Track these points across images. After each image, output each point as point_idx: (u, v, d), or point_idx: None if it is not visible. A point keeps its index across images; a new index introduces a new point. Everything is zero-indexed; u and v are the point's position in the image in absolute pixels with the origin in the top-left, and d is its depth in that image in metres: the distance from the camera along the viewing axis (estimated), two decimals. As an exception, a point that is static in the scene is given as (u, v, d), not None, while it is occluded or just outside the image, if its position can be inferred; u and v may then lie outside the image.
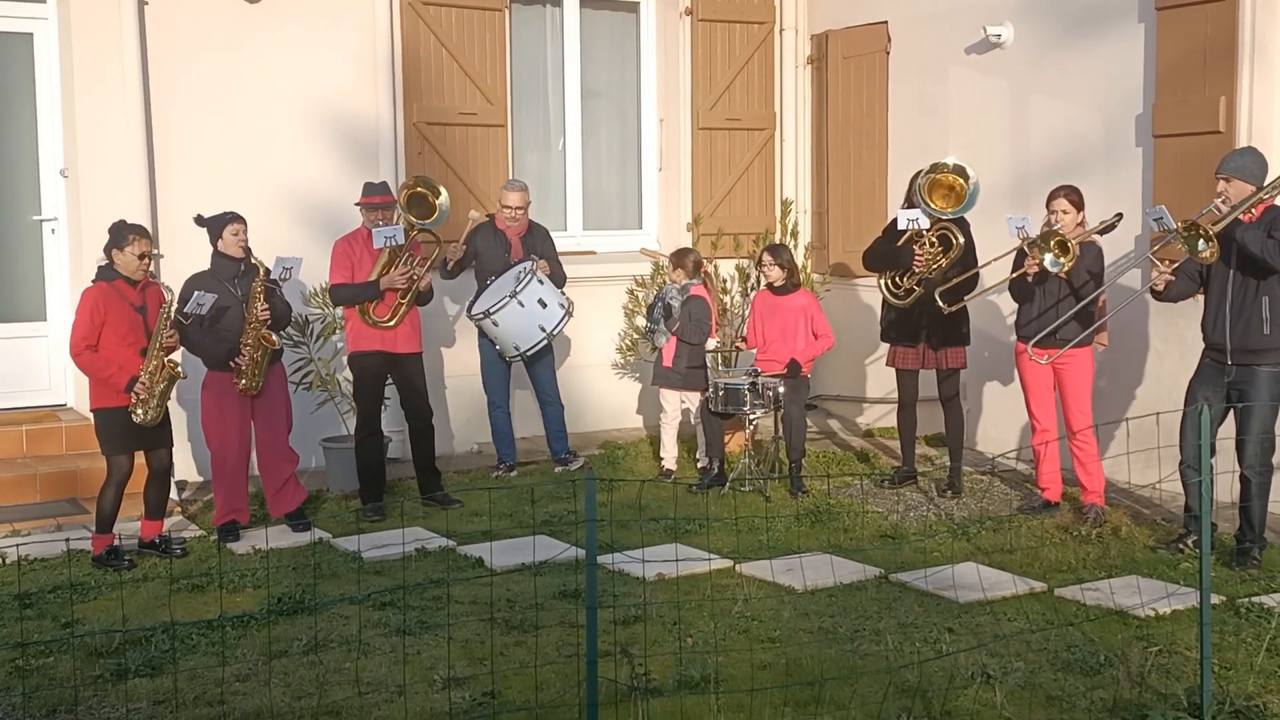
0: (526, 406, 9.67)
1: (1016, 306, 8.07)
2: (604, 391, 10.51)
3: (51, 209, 9.03)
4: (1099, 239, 7.83)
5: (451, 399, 9.82)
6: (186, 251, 7.93)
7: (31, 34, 8.89)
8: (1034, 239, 7.65)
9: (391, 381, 8.45)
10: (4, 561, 7.05)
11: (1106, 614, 6.09)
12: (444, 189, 8.46)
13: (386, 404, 8.53)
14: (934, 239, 8.33)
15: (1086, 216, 7.82)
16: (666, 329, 9.00)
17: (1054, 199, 7.77)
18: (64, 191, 8.98)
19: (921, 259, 8.35)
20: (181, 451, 8.28)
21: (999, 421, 9.62)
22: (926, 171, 8.33)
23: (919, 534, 7.65)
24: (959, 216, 8.32)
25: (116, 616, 6.18)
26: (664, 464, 9.24)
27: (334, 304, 8.51)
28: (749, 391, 8.51)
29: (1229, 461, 6.86)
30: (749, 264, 10.51)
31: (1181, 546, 7.04)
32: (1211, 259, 6.73)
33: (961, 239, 8.28)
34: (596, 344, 10.44)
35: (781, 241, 10.38)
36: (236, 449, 7.58)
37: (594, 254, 10.65)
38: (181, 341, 7.32)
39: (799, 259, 10.52)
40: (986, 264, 8.32)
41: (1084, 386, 7.81)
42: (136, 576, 6.92)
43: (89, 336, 7.01)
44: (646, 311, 9.45)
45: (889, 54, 10.46)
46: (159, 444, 7.30)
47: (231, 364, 7.45)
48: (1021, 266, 7.79)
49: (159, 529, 7.38)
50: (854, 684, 5.30)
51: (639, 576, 6.64)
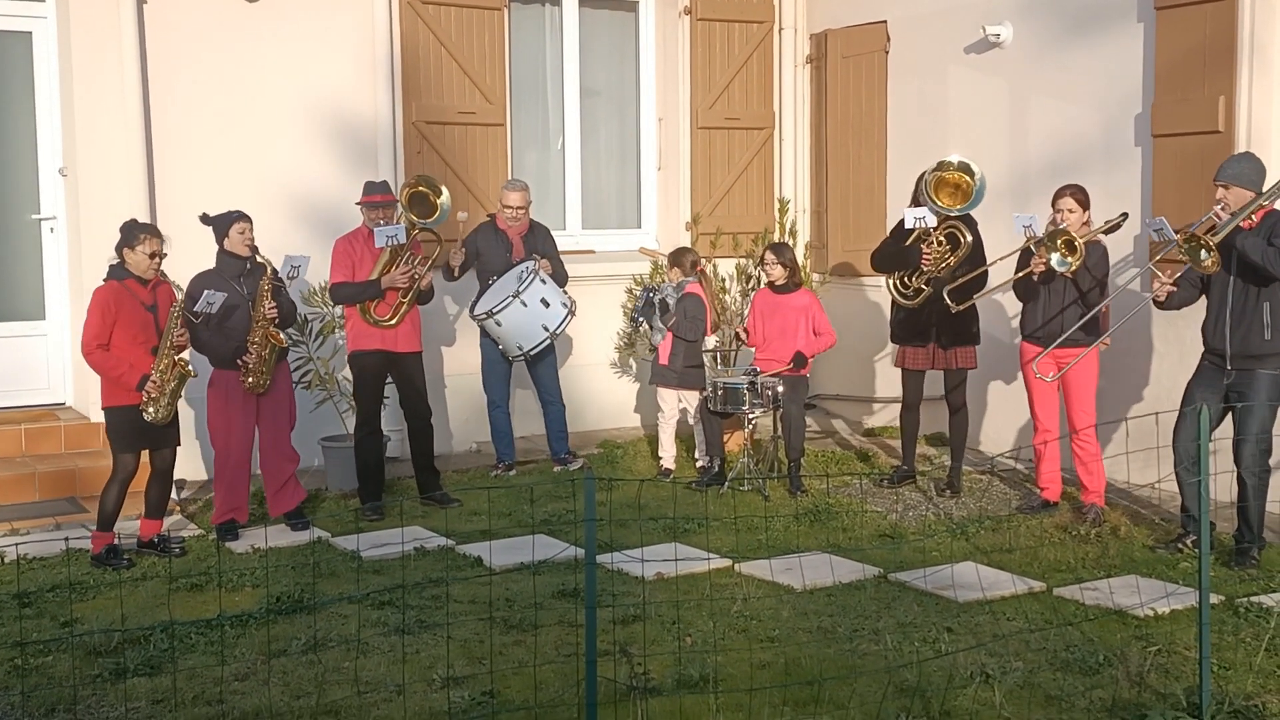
0: (526, 406, 9.67)
1: (1019, 306, 8.05)
2: (602, 391, 10.51)
3: (50, 208, 9.03)
4: (1104, 239, 7.82)
5: (451, 398, 9.82)
6: (186, 250, 7.91)
7: (30, 33, 8.89)
8: (1041, 238, 7.63)
9: (391, 380, 8.45)
10: (3, 560, 7.04)
11: (1105, 614, 6.09)
12: (445, 188, 8.47)
13: (386, 403, 8.53)
14: (941, 238, 8.32)
15: (1091, 216, 7.82)
16: (663, 325, 9.00)
17: (1060, 198, 7.75)
18: (63, 190, 8.98)
19: (929, 258, 8.33)
20: (190, 450, 8.28)
21: (999, 421, 9.62)
22: (932, 170, 8.32)
23: (918, 533, 7.65)
24: (966, 214, 8.31)
25: (115, 616, 6.18)
26: (663, 463, 9.24)
27: (335, 303, 8.51)
28: (748, 391, 8.51)
29: (1225, 463, 6.86)
30: (748, 263, 10.51)
31: (1180, 546, 7.03)
32: (1213, 269, 6.71)
33: (969, 237, 8.25)
34: (595, 343, 10.44)
35: (781, 240, 10.38)
36: (240, 447, 7.59)
37: (593, 253, 10.65)
38: (190, 340, 7.33)
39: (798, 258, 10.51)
40: (994, 262, 8.30)
41: (1088, 386, 7.80)
42: (135, 576, 6.92)
43: (100, 335, 7.01)
44: (635, 307, 9.44)
45: (888, 53, 10.45)
46: (164, 443, 7.31)
47: (238, 362, 7.46)
48: (1027, 265, 7.78)
49: (158, 528, 7.39)
50: (853, 683, 5.30)
51: (638, 576, 6.63)
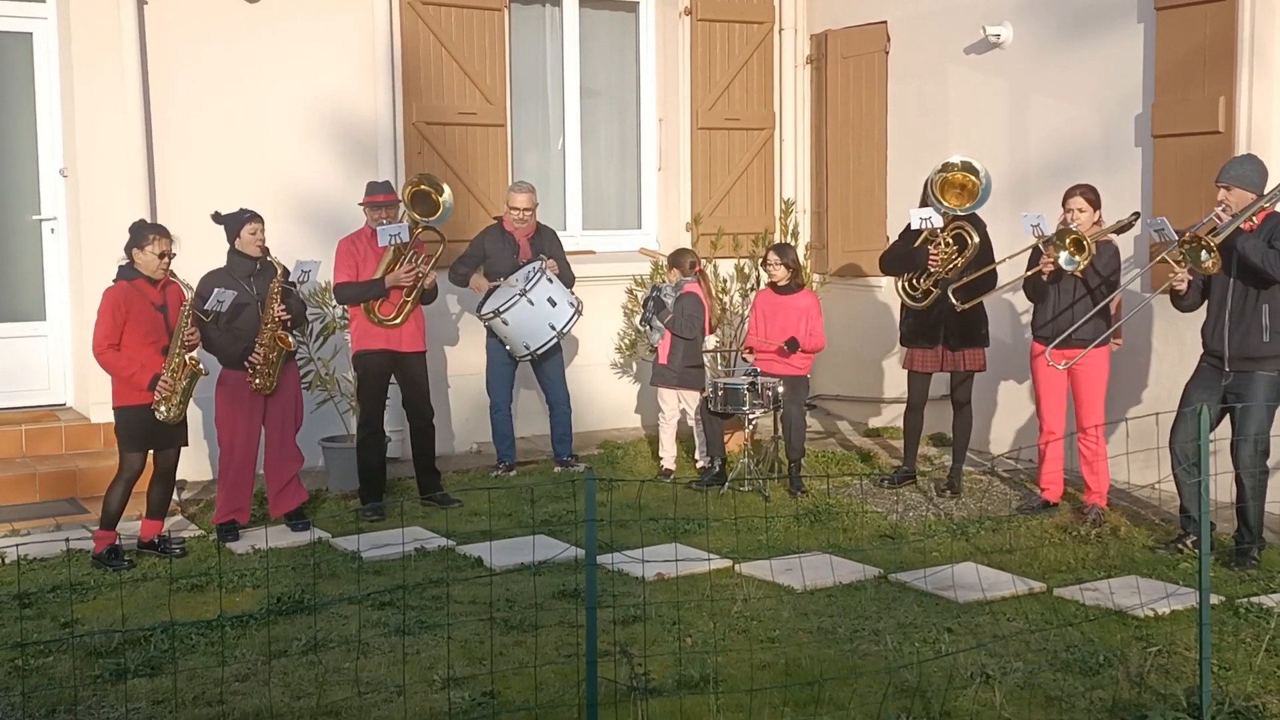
0: (527, 406, 9.67)
1: (1024, 306, 8.04)
2: (603, 391, 10.50)
3: (51, 208, 9.03)
4: (1115, 238, 7.81)
5: (452, 398, 9.82)
6: (188, 250, 7.90)
7: (31, 33, 8.89)
8: (1049, 237, 7.62)
9: (394, 380, 8.45)
10: (3, 561, 7.05)
11: (1106, 614, 6.09)
12: (447, 186, 8.47)
13: (387, 403, 8.53)
14: (949, 238, 8.31)
15: (1102, 216, 7.80)
16: (660, 323, 9.01)
17: (1070, 197, 7.73)
18: (63, 191, 8.98)
19: (937, 259, 8.32)
20: (195, 450, 8.28)
21: (999, 421, 9.62)
22: (936, 171, 8.31)
23: (918, 534, 7.65)
24: (974, 215, 8.30)
25: (116, 616, 6.18)
26: (663, 464, 9.24)
27: (339, 302, 8.52)
28: (748, 391, 8.51)
29: (1224, 464, 6.86)
30: (748, 263, 10.51)
31: (1180, 547, 7.03)
32: (1214, 270, 6.71)
33: (977, 238, 8.22)
34: (595, 344, 10.44)
35: (783, 241, 10.38)
36: (245, 447, 7.59)
37: (593, 253, 10.64)
38: (200, 339, 7.33)
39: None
40: (1001, 261, 8.29)
41: (1099, 386, 7.78)
42: (136, 576, 6.92)
43: (111, 336, 7.02)
44: (641, 306, 9.45)
45: (888, 54, 10.46)
46: (172, 443, 7.32)
47: (246, 363, 7.46)
48: (1036, 265, 7.77)
49: (159, 529, 7.39)
50: (853, 684, 5.30)
51: (638, 576, 6.63)
